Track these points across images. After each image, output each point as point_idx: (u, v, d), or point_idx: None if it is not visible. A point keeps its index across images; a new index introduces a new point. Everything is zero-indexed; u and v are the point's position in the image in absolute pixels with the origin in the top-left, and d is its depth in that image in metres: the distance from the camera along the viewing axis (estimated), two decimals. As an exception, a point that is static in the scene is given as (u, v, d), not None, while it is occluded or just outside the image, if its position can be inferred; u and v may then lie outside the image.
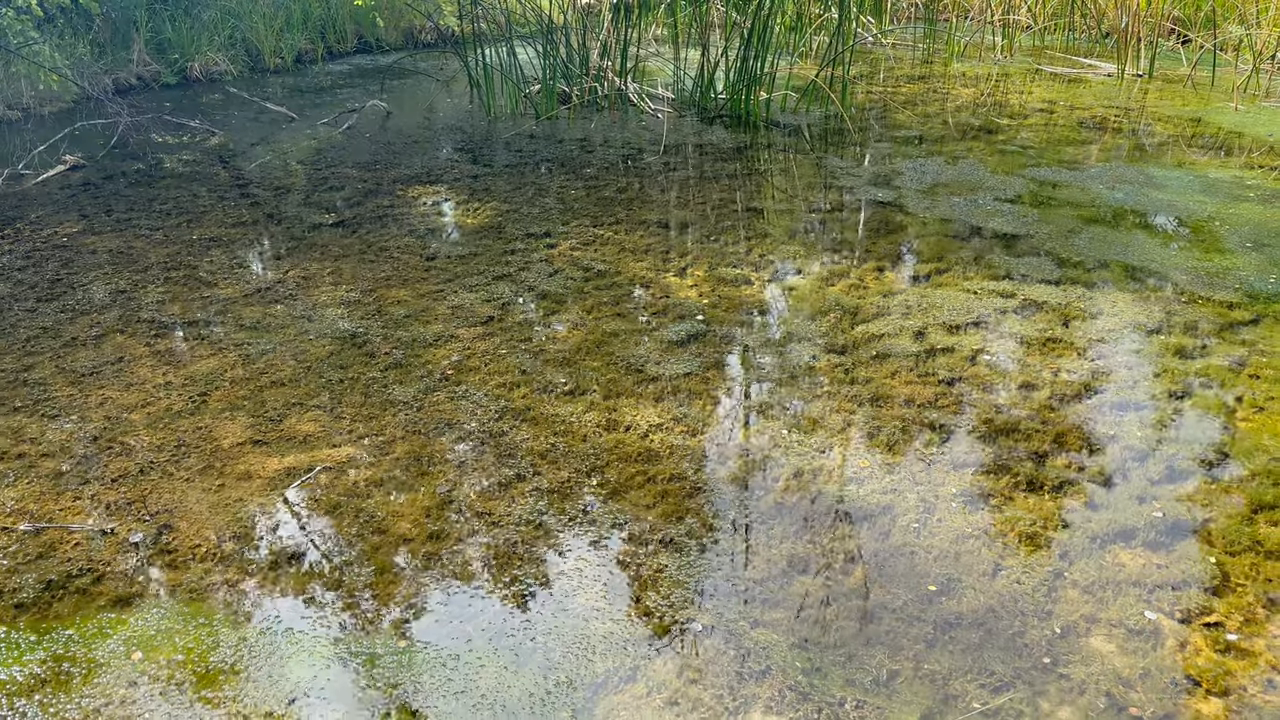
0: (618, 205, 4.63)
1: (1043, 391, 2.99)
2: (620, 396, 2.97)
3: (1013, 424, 2.83)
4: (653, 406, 2.92)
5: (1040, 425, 2.82)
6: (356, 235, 4.26)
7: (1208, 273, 3.80)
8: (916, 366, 3.15)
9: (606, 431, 2.79)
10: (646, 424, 2.83)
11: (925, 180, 4.92)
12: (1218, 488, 2.56)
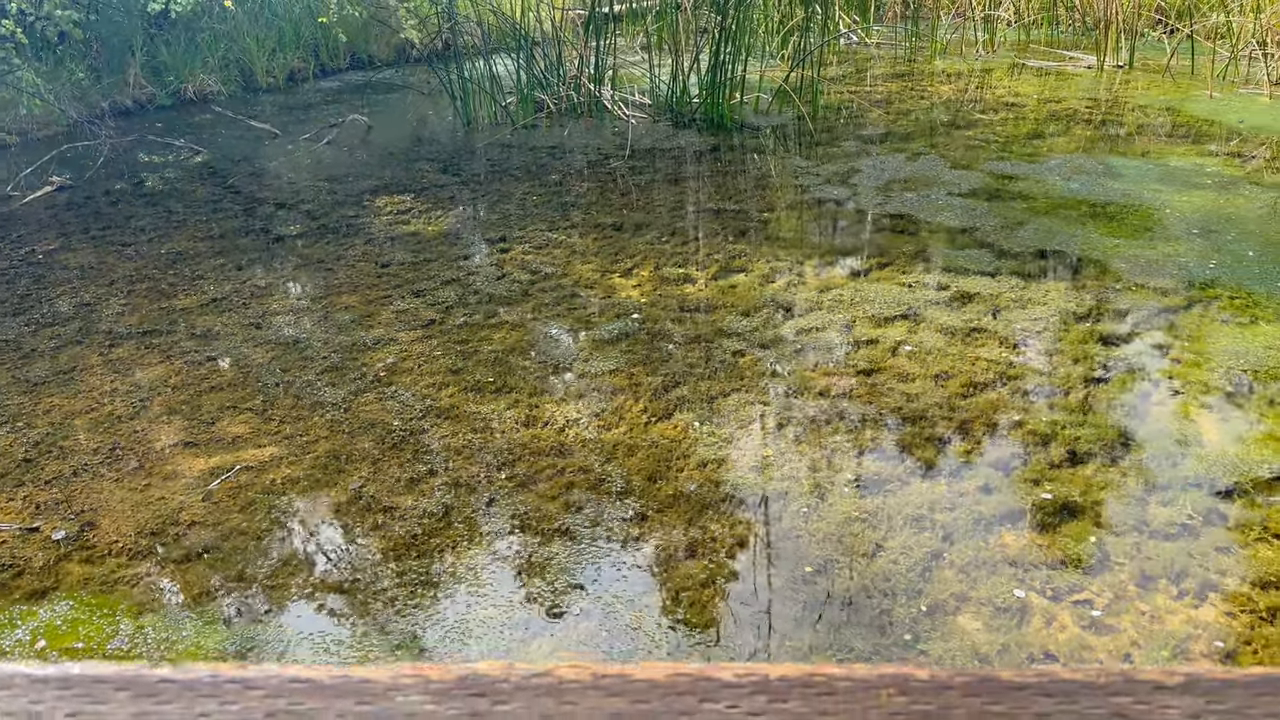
0: (576, 210, 4.73)
1: (957, 380, 3.04)
2: (544, 394, 3.06)
3: (920, 412, 2.88)
4: (574, 403, 3.01)
5: (949, 413, 2.87)
6: (317, 245, 4.39)
7: (1148, 260, 3.81)
8: (838, 359, 3.21)
9: (525, 428, 2.88)
10: (564, 419, 2.92)
11: (883, 177, 4.96)
12: (1116, 471, 2.59)
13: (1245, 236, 4.01)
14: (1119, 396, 2.91)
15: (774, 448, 2.75)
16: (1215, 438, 2.71)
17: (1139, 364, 3.09)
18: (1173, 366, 3.07)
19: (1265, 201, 4.36)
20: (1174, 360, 3.11)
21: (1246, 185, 4.61)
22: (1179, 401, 2.89)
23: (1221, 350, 3.14)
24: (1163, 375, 3.02)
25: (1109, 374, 3.04)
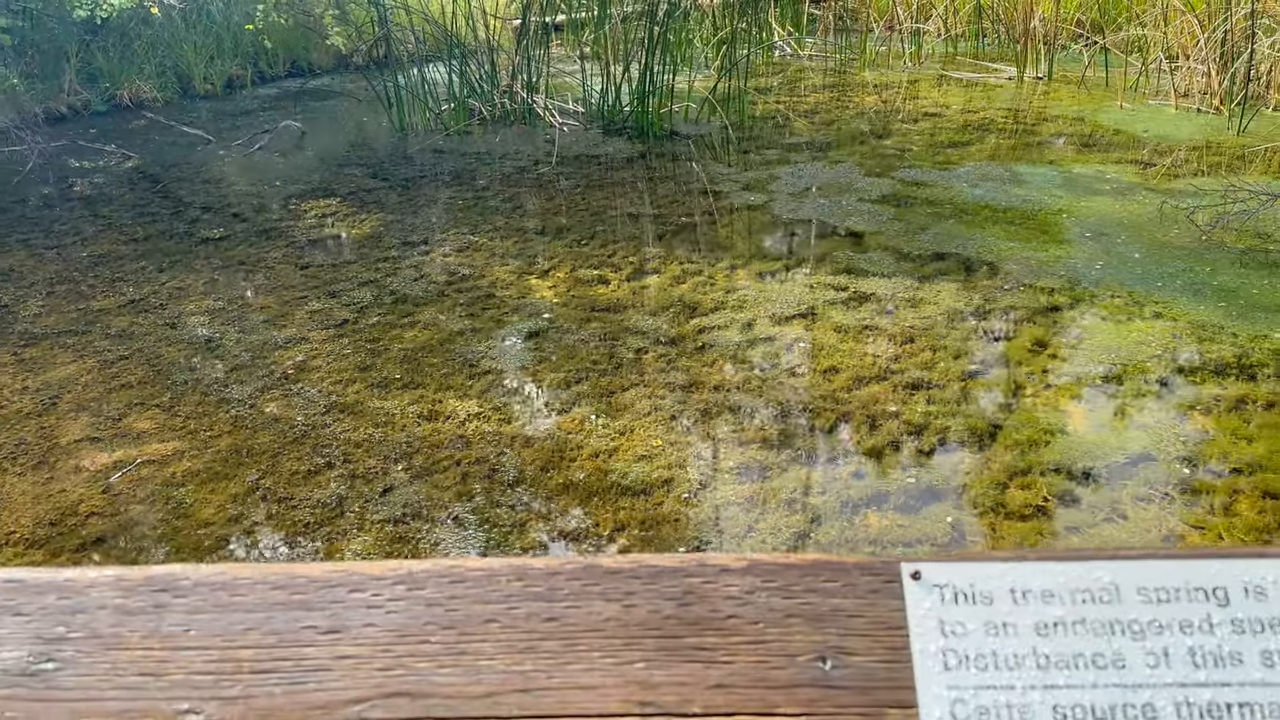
0: (499, 214, 4.83)
1: (845, 374, 3.18)
2: (449, 390, 3.16)
3: (806, 404, 3.02)
4: (476, 398, 3.11)
5: (833, 405, 3.01)
6: (239, 248, 4.45)
7: (1039, 262, 4.00)
8: (735, 355, 3.34)
9: (426, 421, 2.98)
10: (465, 413, 3.02)
11: (799, 184, 5.13)
12: (982, 457, 2.75)
13: (1134, 239, 4.21)
14: (993, 389, 3.07)
15: (664, 439, 2.87)
16: (1079, 426, 2.87)
17: (1016, 359, 3.25)
18: (1048, 361, 3.24)
19: (1157, 206, 4.58)
20: (1050, 355, 3.28)
21: (1142, 191, 4.83)
22: (1049, 394, 3.05)
23: (1096, 346, 3.32)
24: (1037, 369, 3.19)
25: (987, 369, 3.20)
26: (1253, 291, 3.68)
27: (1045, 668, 0.60)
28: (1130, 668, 0.60)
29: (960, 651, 0.61)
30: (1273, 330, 3.38)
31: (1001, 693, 0.60)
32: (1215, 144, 5.63)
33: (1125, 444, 2.76)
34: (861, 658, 0.62)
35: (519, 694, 0.61)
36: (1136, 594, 0.62)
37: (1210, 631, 0.61)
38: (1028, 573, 0.63)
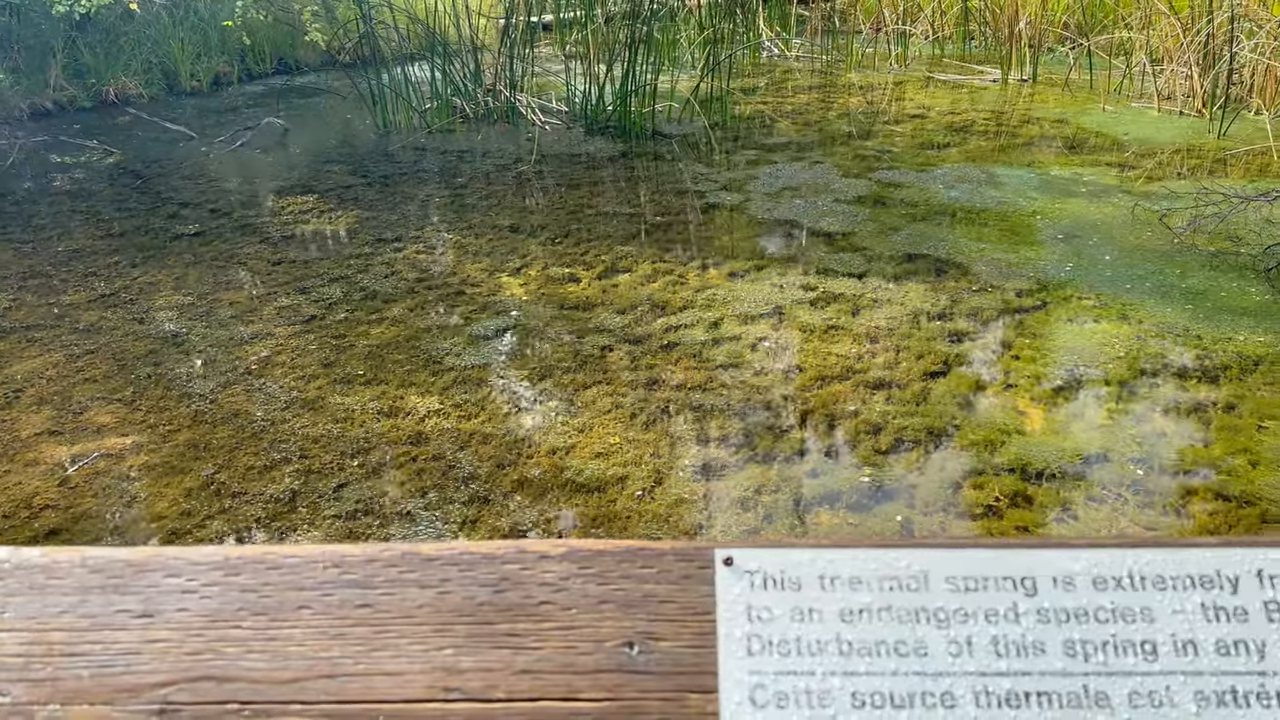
0: (475, 211, 4.83)
1: (807, 374, 3.19)
2: (410, 386, 3.16)
3: (767, 403, 3.02)
4: (438, 395, 3.11)
5: (793, 404, 3.01)
6: (214, 244, 4.45)
7: (1009, 264, 4.01)
8: (700, 354, 3.34)
9: (386, 418, 2.98)
10: (425, 410, 3.02)
11: (777, 184, 5.13)
12: (937, 457, 2.75)
13: (1106, 241, 4.22)
14: (954, 389, 3.08)
15: (623, 436, 2.88)
16: (1036, 427, 2.88)
17: (979, 359, 3.26)
18: (1011, 362, 3.25)
19: (1131, 209, 4.58)
20: (1013, 356, 3.28)
21: (1118, 193, 4.83)
22: (1010, 394, 3.06)
23: (1060, 347, 3.33)
24: (999, 370, 3.19)
25: (948, 369, 3.20)
26: (1221, 294, 3.69)
27: (847, 654, 0.60)
28: (932, 656, 0.60)
29: (765, 637, 0.61)
30: (1237, 333, 3.39)
31: (801, 679, 0.60)
32: (1195, 147, 5.63)
33: (1081, 445, 2.76)
34: (669, 643, 0.62)
35: (325, 680, 0.62)
36: (945, 583, 0.62)
37: (1016, 621, 0.61)
38: (838, 560, 0.64)
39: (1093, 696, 0.58)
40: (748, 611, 0.62)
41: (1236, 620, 0.60)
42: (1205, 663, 0.59)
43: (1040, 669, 0.60)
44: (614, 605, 0.64)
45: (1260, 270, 3.85)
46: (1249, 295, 3.67)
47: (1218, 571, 0.62)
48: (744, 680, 0.60)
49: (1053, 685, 0.59)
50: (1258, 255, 3.97)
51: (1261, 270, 3.85)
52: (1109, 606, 0.61)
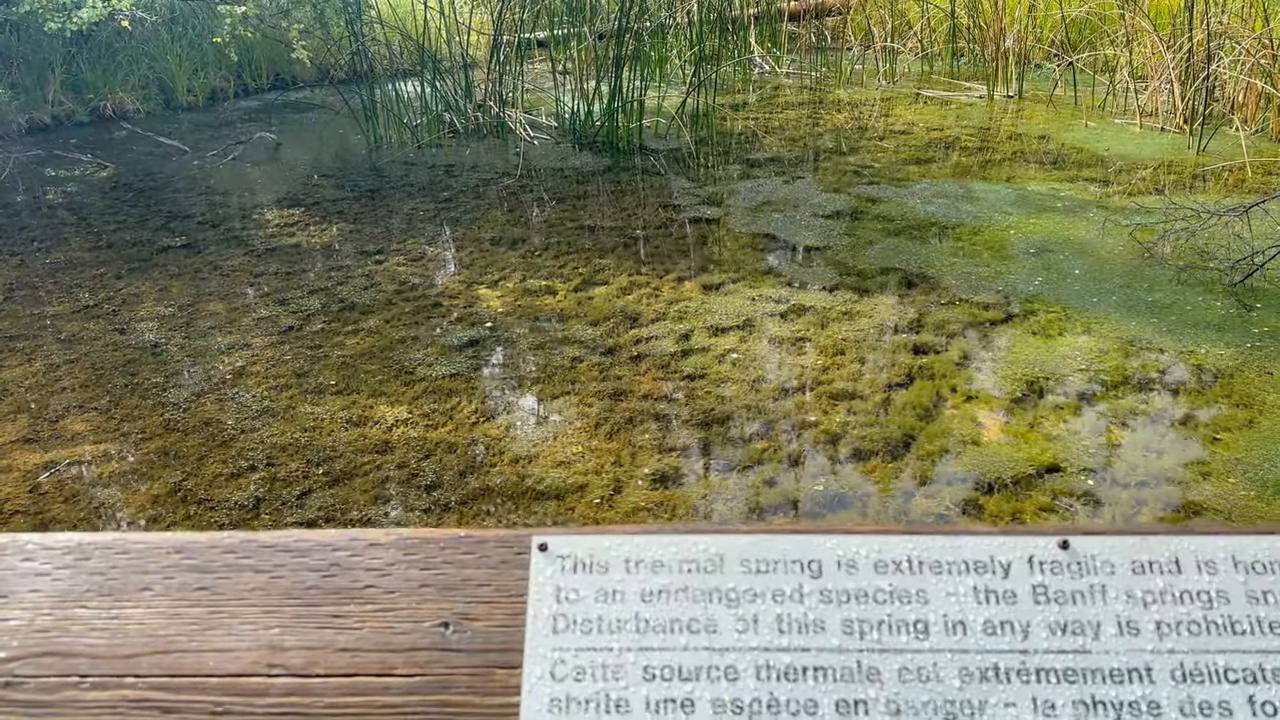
0: (458, 225, 4.90)
1: (772, 385, 3.23)
2: (381, 396, 3.22)
3: (730, 413, 3.07)
4: (407, 404, 3.16)
5: (756, 414, 3.06)
6: (199, 256, 4.52)
7: (979, 277, 4.05)
8: (668, 365, 3.39)
9: (354, 427, 3.03)
10: (394, 419, 3.07)
11: (757, 199, 5.19)
12: (893, 467, 2.79)
13: (1077, 256, 4.26)
14: (915, 400, 3.12)
15: (586, 445, 2.92)
16: (993, 438, 2.92)
17: (941, 372, 3.30)
18: (972, 374, 3.29)
19: (1107, 224, 4.63)
20: (975, 369, 3.33)
21: (1093, 209, 4.88)
22: (969, 406, 3.10)
23: (1022, 360, 3.37)
24: (960, 382, 3.23)
25: (911, 381, 3.25)
26: (1186, 308, 3.73)
27: (644, 632, 0.65)
28: (721, 632, 0.65)
29: (570, 616, 0.66)
30: (1199, 346, 3.43)
31: (600, 654, 0.65)
32: (1174, 163, 5.68)
33: (1035, 456, 2.80)
34: (482, 623, 0.67)
35: (159, 655, 0.66)
36: (739, 565, 0.67)
37: (800, 601, 0.66)
38: (643, 544, 0.68)
39: (865, 671, 0.63)
40: (557, 593, 0.67)
41: (1005, 602, 0.65)
42: (972, 641, 0.64)
43: (819, 645, 0.64)
44: (434, 589, 0.69)
45: (1226, 284, 3.89)
46: (1214, 309, 3.71)
47: (991, 557, 0.67)
48: (547, 656, 0.65)
49: (829, 661, 0.63)
50: (1224, 270, 4.01)
51: (1227, 284, 3.89)
52: (887, 588, 0.66)
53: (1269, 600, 0.64)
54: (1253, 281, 3.91)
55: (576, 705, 0.63)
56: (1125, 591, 0.64)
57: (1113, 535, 0.66)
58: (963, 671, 0.63)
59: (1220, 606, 0.64)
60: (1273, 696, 0.62)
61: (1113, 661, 0.62)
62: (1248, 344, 3.44)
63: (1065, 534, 0.67)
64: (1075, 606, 0.64)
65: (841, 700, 0.62)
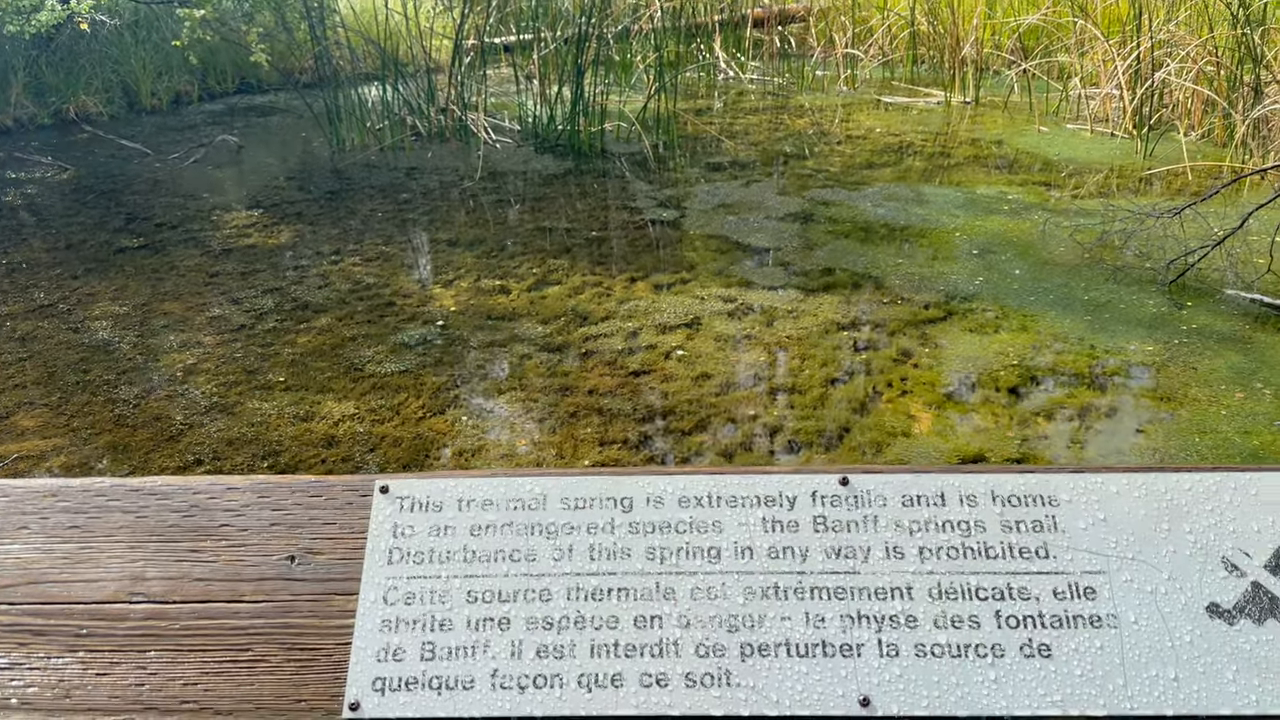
0: (416, 226, 4.96)
1: (715, 380, 3.32)
2: (328, 393, 3.27)
3: (672, 408, 3.15)
4: (354, 401, 3.22)
5: (697, 409, 3.14)
6: (155, 257, 4.56)
7: (922, 277, 4.16)
8: (615, 361, 3.47)
9: (301, 422, 3.09)
10: (340, 414, 3.13)
11: (713, 202, 5.28)
12: (826, 458, 2.88)
13: (1019, 256, 4.38)
14: (852, 395, 3.21)
15: (529, 438, 2.99)
16: (923, 430, 3.01)
17: (879, 367, 3.40)
18: (909, 370, 3.39)
19: (1049, 225, 4.75)
20: (912, 365, 3.43)
21: (1039, 211, 5.01)
22: (903, 400, 3.20)
23: (957, 356, 3.47)
24: (897, 378, 3.33)
25: (849, 376, 3.34)
26: (1120, 306, 3.85)
27: (470, 561, 0.73)
28: (538, 560, 0.72)
29: (404, 549, 0.73)
30: (1129, 343, 3.55)
31: (429, 581, 0.72)
32: (1122, 168, 5.83)
33: (962, 447, 2.90)
34: (325, 556, 0.74)
35: (31, 585, 0.73)
36: (560, 503, 0.75)
37: (611, 532, 0.74)
38: (475, 486, 0.76)
39: (662, 591, 0.71)
40: (394, 529, 0.74)
41: (789, 531, 0.73)
42: (757, 564, 0.72)
43: (624, 570, 0.72)
44: (284, 527, 0.76)
45: (1159, 283, 4.02)
46: (1146, 307, 3.83)
47: (780, 492, 0.74)
48: (381, 583, 0.72)
49: (632, 583, 0.71)
50: (1159, 269, 4.14)
51: (1161, 284, 4.02)
52: (688, 520, 0.73)
53: (1020, 529, 0.72)
54: (1185, 280, 4.04)
55: (404, 625, 0.70)
56: (895, 521, 0.72)
57: (888, 473, 0.74)
58: (746, 590, 0.70)
59: (977, 534, 0.72)
60: (1016, 611, 0.70)
61: (878, 581, 0.70)
62: (1176, 340, 3.56)
63: (847, 472, 0.75)
64: (849, 534, 0.72)
65: (640, 616, 0.70)
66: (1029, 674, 0.68)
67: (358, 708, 0.68)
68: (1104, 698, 0.67)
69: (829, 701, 0.67)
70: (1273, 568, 0.73)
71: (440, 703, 0.68)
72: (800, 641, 0.69)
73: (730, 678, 0.68)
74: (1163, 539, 0.72)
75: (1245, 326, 3.66)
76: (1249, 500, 0.75)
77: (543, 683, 0.68)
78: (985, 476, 0.74)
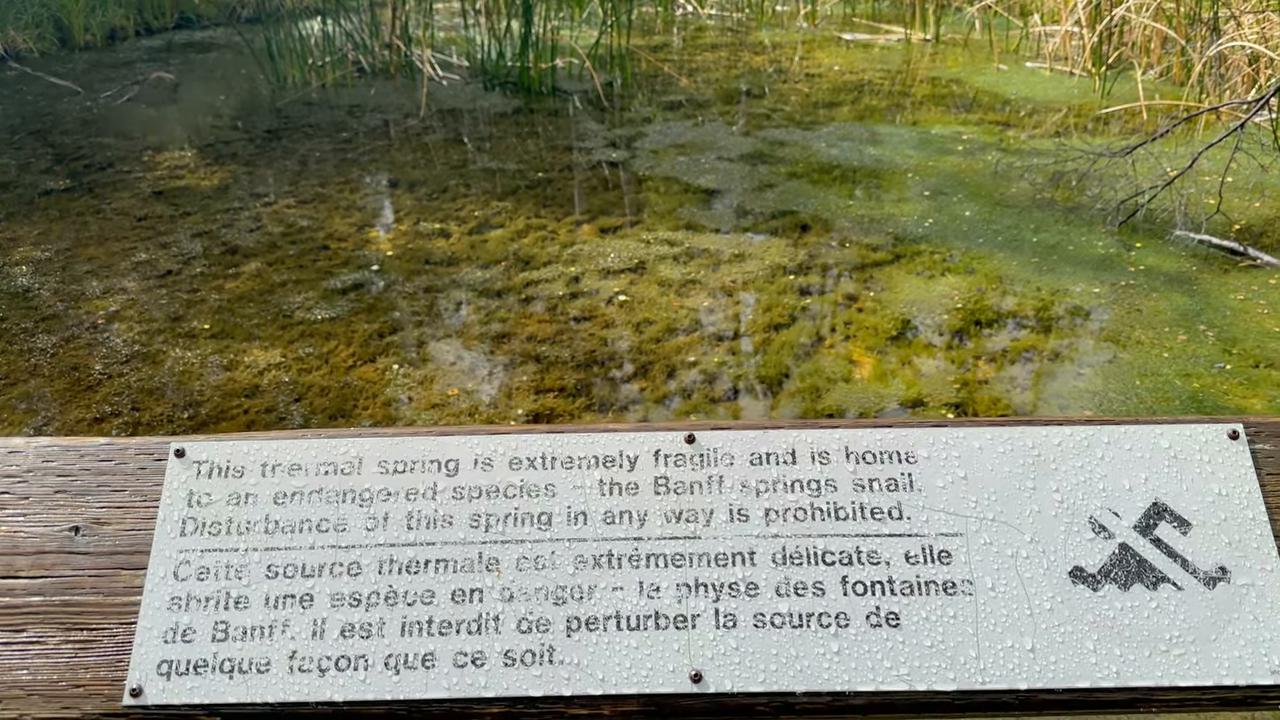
0: (355, 166, 4.80)
1: (657, 326, 3.25)
2: (255, 340, 3.16)
3: (612, 355, 3.08)
4: (281, 348, 3.12)
5: (637, 355, 3.07)
6: (81, 199, 4.38)
7: (872, 219, 4.09)
8: (556, 307, 3.38)
9: (225, 371, 2.98)
10: (266, 363, 3.03)
11: (664, 141, 5.16)
12: (763, 404, 2.83)
13: (970, 197, 4.32)
14: (794, 340, 3.16)
15: (462, 386, 2.92)
16: (864, 375, 2.97)
17: (822, 312, 3.34)
18: (852, 314, 3.34)
19: (1000, 165, 4.69)
20: (857, 309, 3.37)
21: (993, 151, 4.94)
22: (845, 345, 3.15)
23: (902, 300, 3.42)
24: (840, 322, 3.28)
25: (793, 321, 3.29)
26: (1069, 248, 3.81)
27: (272, 533, 0.66)
28: (350, 530, 0.66)
29: (199, 519, 0.66)
30: (1076, 284, 3.51)
31: (225, 555, 0.65)
32: (1079, 106, 5.76)
33: (901, 391, 2.86)
34: (113, 527, 0.67)
35: None
36: (377, 466, 0.68)
37: (432, 498, 0.67)
38: (282, 449, 0.69)
39: (485, 562, 0.64)
40: (189, 497, 0.67)
41: (627, 494, 0.67)
42: (591, 531, 0.65)
43: (444, 539, 0.65)
44: (69, 494, 0.68)
45: (1110, 224, 3.99)
46: (1095, 248, 3.80)
47: (621, 452, 0.68)
48: (172, 557, 0.65)
49: (452, 553, 0.65)
50: (1110, 210, 4.10)
51: (1111, 224, 3.99)
52: (518, 484, 0.67)
53: (874, 488, 0.66)
54: (1135, 222, 4.01)
55: (196, 603, 0.63)
56: (741, 482, 0.66)
57: (737, 429, 0.68)
58: (578, 559, 0.64)
59: (827, 494, 0.66)
60: (864, 577, 0.64)
61: (719, 547, 0.65)
62: (1123, 281, 3.54)
63: (693, 429, 0.68)
64: (692, 496, 0.66)
65: (458, 589, 0.64)
66: (874, 645, 0.63)
67: (140, 693, 0.61)
68: (954, 671, 0.63)
69: (658, 677, 0.62)
70: (1142, 528, 0.68)
71: (231, 687, 0.62)
72: (632, 613, 0.63)
73: (553, 654, 0.62)
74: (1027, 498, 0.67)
75: (1192, 267, 3.64)
76: (1122, 455, 0.70)
77: (346, 664, 0.62)
78: (839, 432, 0.68)
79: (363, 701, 0.61)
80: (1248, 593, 0.64)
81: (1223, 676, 0.62)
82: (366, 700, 0.61)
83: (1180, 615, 0.63)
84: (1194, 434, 0.69)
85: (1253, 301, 3.34)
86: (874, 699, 0.62)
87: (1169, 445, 0.69)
